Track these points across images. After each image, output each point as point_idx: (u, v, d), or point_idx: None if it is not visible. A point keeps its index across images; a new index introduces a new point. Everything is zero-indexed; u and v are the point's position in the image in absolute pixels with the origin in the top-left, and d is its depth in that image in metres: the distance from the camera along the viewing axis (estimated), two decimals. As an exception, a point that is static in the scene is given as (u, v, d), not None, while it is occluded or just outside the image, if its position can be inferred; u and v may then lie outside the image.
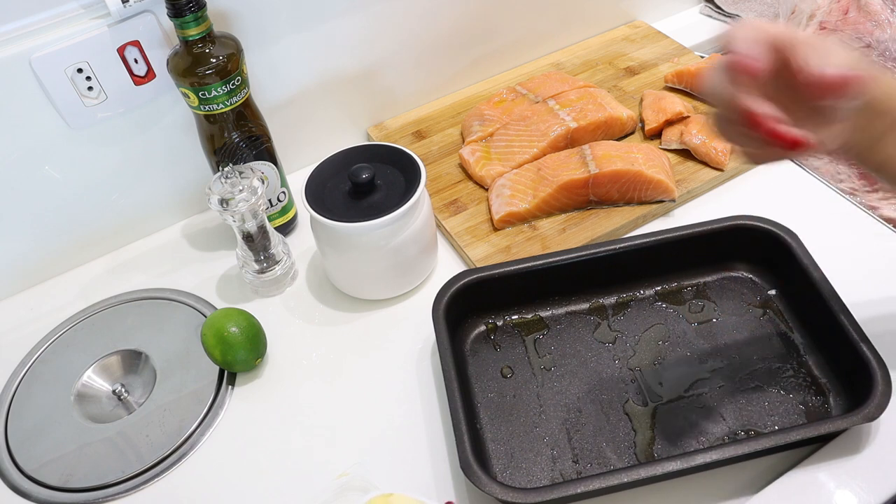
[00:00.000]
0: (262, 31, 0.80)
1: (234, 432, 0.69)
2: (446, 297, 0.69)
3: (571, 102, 0.89)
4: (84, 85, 0.73)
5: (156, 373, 0.74)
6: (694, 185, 0.84)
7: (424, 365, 0.72)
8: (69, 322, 0.80)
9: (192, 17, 0.67)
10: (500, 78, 1.03)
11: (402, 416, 0.68)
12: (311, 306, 0.79)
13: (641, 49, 1.05)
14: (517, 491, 0.55)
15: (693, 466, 0.56)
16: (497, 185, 0.84)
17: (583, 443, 0.63)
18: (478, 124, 0.92)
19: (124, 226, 0.87)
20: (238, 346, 0.70)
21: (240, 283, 0.82)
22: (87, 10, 0.71)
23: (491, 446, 0.64)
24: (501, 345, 0.72)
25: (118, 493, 0.65)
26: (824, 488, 0.58)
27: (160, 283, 0.83)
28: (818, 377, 0.66)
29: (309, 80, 0.88)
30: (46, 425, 0.70)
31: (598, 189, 0.80)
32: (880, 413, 0.57)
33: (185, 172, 0.86)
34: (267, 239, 0.77)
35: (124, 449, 0.68)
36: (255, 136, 0.77)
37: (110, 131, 0.78)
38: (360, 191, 0.71)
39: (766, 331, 0.70)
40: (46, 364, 0.76)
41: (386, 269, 0.74)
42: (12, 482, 0.67)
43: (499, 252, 0.79)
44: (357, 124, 0.97)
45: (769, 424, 0.63)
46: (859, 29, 0.93)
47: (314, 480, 0.64)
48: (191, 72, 0.70)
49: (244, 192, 0.71)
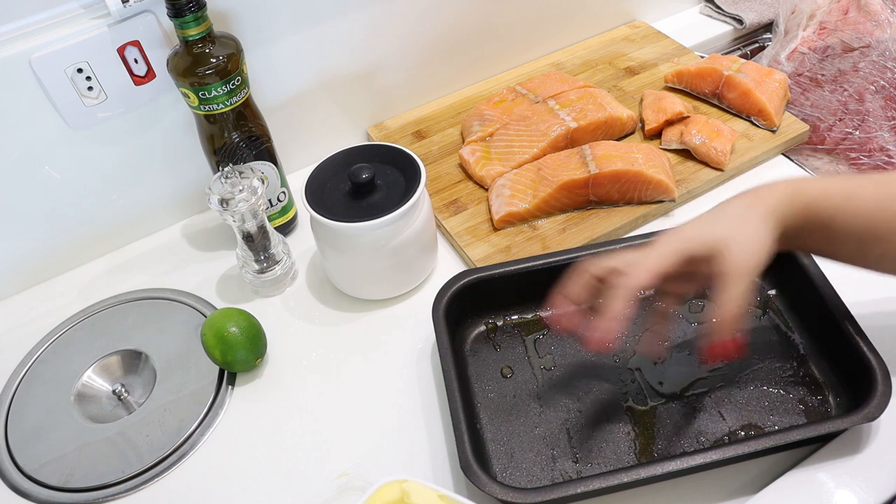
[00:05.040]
0: (262, 31, 0.80)
1: (234, 432, 0.69)
2: (446, 297, 0.69)
3: (571, 102, 0.89)
4: (84, 85, 0.73)
5: (156, 373, 0.74)
6: (694, 185, 0.84)
7: (424, 365, 0.72)
8: (69, 322, 0.80)
9: (192, 17, 0.67)
10: (500, 78, 1.03)
11: (402, 416, 0.68)
12: (311, 306, 0.79)
13: (641, 49, 1.05)
14: (517, 491, 0.55)
15: (693, 466, 0.56)
16: (497, 185, 0.84)
17: (583, 443, 0.63)
18: (478, 124, 0.91)
19: (124, 226, 0.87)
20: (238, 346, 0.70)
21: (240, 283, 0.82)
22: (87, 10, 0.71)
23: (491, 446, 0.64)
24: (501, 345, 0.72)
25: (118, 493, 0.65)
26: (824, 488, 0.58)
27: (160, 283, 0.83)
28: (818, 377, 0.66)
29: (309, 80, 0.88)
30: (46, 425, 0.70)
31: (598, 189, 0.80)
32: (880, 413, 0.57)
33: (185, 172, 0.86)
34: (267, 239, 0.77)
35: (124, 449, 0.68)
36: (255, 136, 0.77)
37: (110, 131, 0.78)
38: (360, 191, 0.71)
39: (766, 330, 0.70)
40: (46, 364, 0.76)
41: (386, 269, 0.74)
42: (12, 482, 0.67)
43: (499, 252, 0.79)
44: (357, 124, 0.97)
45: (769, 424, 0.63)
46: (859, 29, 0.93)
47: (314, 480, 0.64)
48: (191, 72, 0.70)
49: (244, 192, 0.71)
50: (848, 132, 0.90)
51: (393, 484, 0.54)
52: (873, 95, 0.90)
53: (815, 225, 0.56)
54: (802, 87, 0.95)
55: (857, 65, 0.92)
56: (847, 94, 0.91)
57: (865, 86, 0.90)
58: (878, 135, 0.88)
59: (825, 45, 0.95)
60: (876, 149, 0.88)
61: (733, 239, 0.54)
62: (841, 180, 0.56)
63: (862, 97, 0.90)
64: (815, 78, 0.95)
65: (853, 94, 0.91)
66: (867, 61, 0.91)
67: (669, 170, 0.83)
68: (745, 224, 0.55)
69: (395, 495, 0.54)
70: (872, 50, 0.91)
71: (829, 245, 0.59)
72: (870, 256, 0.57)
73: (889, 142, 0.88)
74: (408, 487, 0.54)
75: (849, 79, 0.92)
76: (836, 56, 0.94)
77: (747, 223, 0.55)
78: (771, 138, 0.88)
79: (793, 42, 0.99)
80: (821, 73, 0.94)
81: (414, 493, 0.53)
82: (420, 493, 0.53)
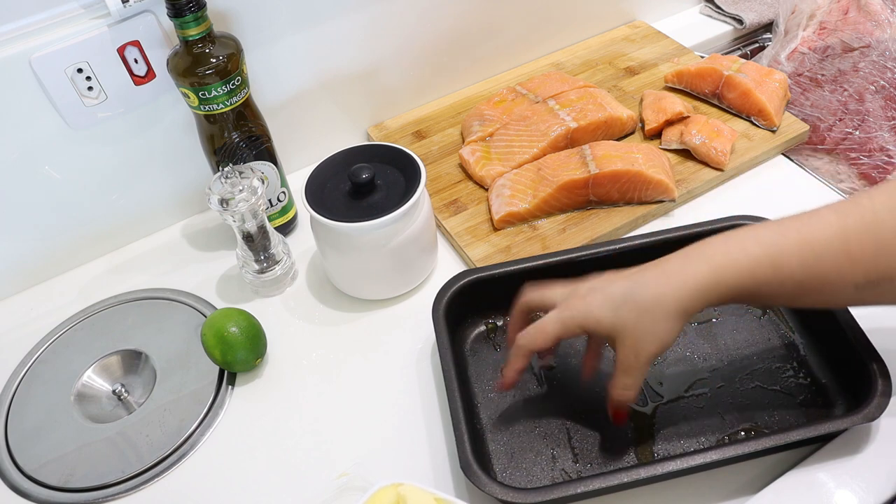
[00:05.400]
0: (262, 31, 0.80)
1: (234, 432, 0.69)
2: (446, 297, 0.69)
3: (571, 102, 0.89)
4: (84, 85, 0.73)
5: (156, 373, 0.74)
6: (694, 185, 0.84)
7: (424, 365, 0.72)
8: (69, 322, 0.80)
9: (192, 17, 0.67)
10: (500, 78, 1.03)
11: (402, 415, 0.68)
12: (311, 306, 0.79)
13: (641, 49, 1.05)
14: (517, 491, 0.55)
15: (693, 466, 0.56)
16: (497, 185, 0.84)
17: (583, 443, 0.63)
18: (478, 124, 0.91)
19: (124, 226, 0.87)
20: (238, 346, 0.70)
21: (240, 283, 0.82)
22: (87, 10, 0.71)
23: (491, 446, 0.64)
24: (501, 345, 0.72)
25: (118, 493, 0.65)
26: (824, 488, 0.58)
27: (160, 283, 0.83)
28: (818, 377, 0.66)
29: (309, 80, 0.88)
30: (46, 425, 0.70)
31: (598, 189, 0.80)
32: (880, 413, 0.57)
33: (185, 172, 0.86)
34: (267, 239, 0.77)
35: (124, 449, 0.68)
36: (255, 136, 0.77)
37: (110, 131, 0.78)
38: (360, 191, 0.71)
39: (766, 331, 0.70)
40: (46, 364, 0.76)
41: (386, 269, 0.74)
42: (12, 482, 0.67)
43: (499, 252, 0.79)
44: (357, 124, 0.97)
45: (769, 424, 0.63)
46: (859, 29, 0.93)
47: (314, 480, 0.64)
48: (191, 72, 0.70)
49: (244, 192, 0.71)
50: (848, 132, 0.90)
51: (389, 488, 0.54)
52: (873, 95, 0.90)
53: (740, 297, 0.55)
54: (802, 87, 0.95)
55: (857, 65, 0.92)
56: (847, 94, 0.91)
57: (865, 86, 0.90)
58: (878, 135, 0.88)
59: (825, 45, 0.95)
60: (876, 149, 0.88)
61: (632, 333, 0.54)
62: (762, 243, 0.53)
63: (862, 97, 0.90)
64: (815, 78, 0.95)
65: (853, 94, 0.91)
66: (867, 61, 0.91)
67: (669, 170, 0.83)
68: (649, 319, 0.54)
69: (392, 499, 0.53)
70: (872, 50, 0.91)
71: (757, 302, 0.64)
72: (804, 304, 0.58)
73: (889, 142, 0.88)
74: (404, 491, 0.54)
75: (849, 79, 0.92)
76: (836, 56, 0.94)
77: (650, 319, 0.54)
78: (771, 138, 0.88)
79: (793, 42, 0.99)
80: (821, 73, 0.94)
81: (410, 497, 0.53)
82: (416, 496, 0.53)
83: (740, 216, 0.72)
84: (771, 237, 0.54)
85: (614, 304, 0.55)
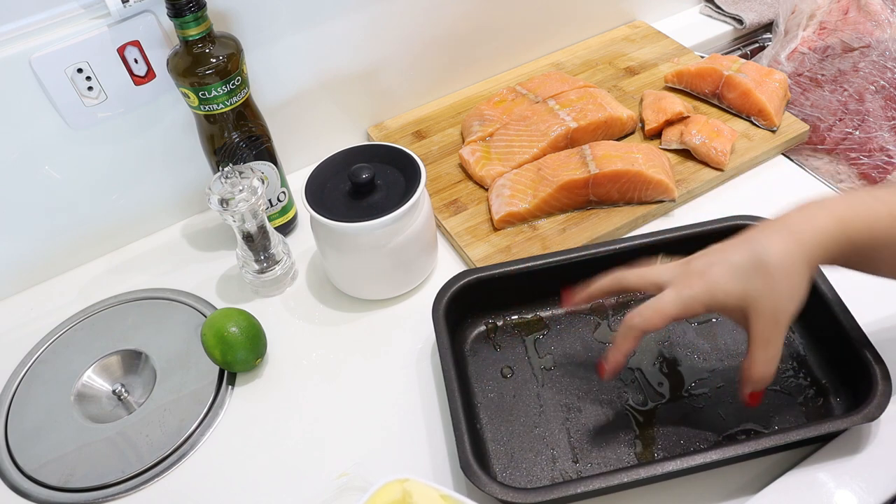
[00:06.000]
0: (262, 31, 0.80)
1: (234, 432, 0.69)
2: (446, 297, 0.69)
3: (571, 102, 0.89)
4: (84, 85, 0.73)
5: (156, 373, 0.74)
6: (694, 185, 0.84)
7: (424, 365, 0.72)
8: (69, 322, 0.80)
9: (192, 17, 0.67)
10: (500, 78, 1.03)
11: (402, 416, 0.68)
12: (311, 306, 0.79)
13: (641, 49, 1.05)
14: (517, 491, 0.55)
15: (693, 466, 0.56)
16: (497, 185, 0.84)
17: (583, 443, 0.63)
18: (478, 124, 0.91)
19: (124, 226, 0.87)
20: (238, 346, 0.70)
21: (240, 283, 0.82)
22: (87, 10, 0.71)
23: (491, 446, 0.64)
24: (501, 345, 0.72)
25: (118, 493, 0.65)
26: (824, 488, 0.58)
27: (160, 283, 0.83)
28: (818, 377, 0.66)
29: (309, 80, 0.88)
30: (46, 425, 0.70)
31: (598, 189, 0.80)
32: (880, 413, 0.57)
33: (185, 172, 0.86)
34: (267, 239, 0.77)
35: (124, 449, 0.68)
36: (255, 136, 0.77)
37: (110, 131, 0.78)
38: (360, 191, 0.71)
39: (766, 331, 0.70)
40: (46, 364, 0.76)
41: (386, 269, 0.74)
42: (12, 482, 0.67)
43: (499, 252, 0.79)
44: (357, 124, 0.97)
45: (769, 424, 0.63)
46: (859, 29, 0.93)
47: (314, 480, 0.64)
48: (191, 72, 0.70)
49: (244, 192, 0.71)
50: (848, 132, 0.90)
51: (395, 483, 0.54)
52: (873, 95, 0.90)
53: (858, 253, 0.53)
54: (802, 87, 0.95)
55: (857, 65, 0.92)
56: (847, 94, 0.91)
57: (865, 86, 0.90)
58: (878, 135, 0.88)
59: (825, 45, 0.95)
60: (876, 149, 0.88)
61: (769, 297, 0.51)
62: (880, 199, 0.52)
63: (862, 97, 0.90)
64: (815, 78, 0.95)
65: (853, 94, 0.91)
66: (867, 61, 0.91)
67: (669, 170, 0.83)
68: (783, 279, 0.51)
69: (397, 495, 0.53)
70: (872, 50, 0.91)
71: (867, 267, 0.56)
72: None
73: (889, 142, 0.88)
74: (409, 487, 0.53)
75: (849, 79, 0.92)
76: (836, 56, 0.94)
77: (785, 277, 0.51)
78: (771, 138, 0.88)
79: (793, 42, 0.99)
80: (821, 73, 0.94)
81: (416, 493, 0.53)
82: (422, 492, 0.53)
83: (740, 216, 0.72)
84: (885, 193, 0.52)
85: (743, 273, 0.52)
